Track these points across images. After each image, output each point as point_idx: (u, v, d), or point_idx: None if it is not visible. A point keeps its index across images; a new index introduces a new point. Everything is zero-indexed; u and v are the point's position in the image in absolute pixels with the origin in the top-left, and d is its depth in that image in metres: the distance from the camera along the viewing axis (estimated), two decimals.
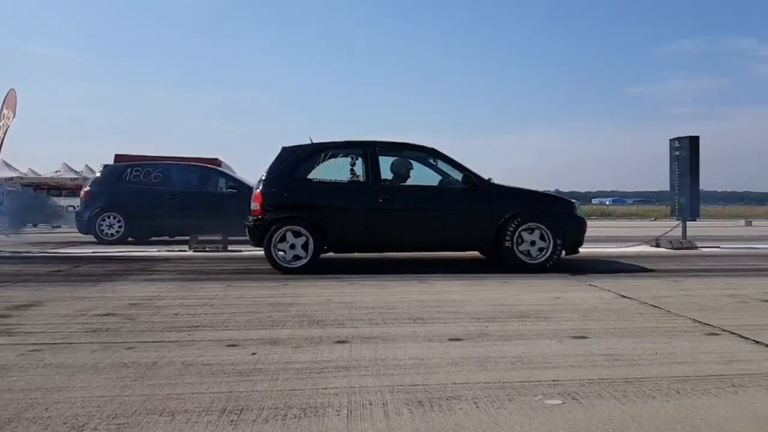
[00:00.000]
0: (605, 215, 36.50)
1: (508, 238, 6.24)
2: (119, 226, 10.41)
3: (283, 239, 6.17)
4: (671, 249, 9.13)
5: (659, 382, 2.41)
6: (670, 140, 10.11)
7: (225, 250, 8.81)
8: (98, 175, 11.34)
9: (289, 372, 2.57)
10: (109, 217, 10.43)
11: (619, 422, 1.99)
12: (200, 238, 9.26)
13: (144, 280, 5.61)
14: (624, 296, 4.55)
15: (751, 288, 4.98)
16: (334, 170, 6.61)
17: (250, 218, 6.36)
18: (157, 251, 8.80)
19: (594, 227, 18.66)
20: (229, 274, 6.10)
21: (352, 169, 6.62)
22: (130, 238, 10.44)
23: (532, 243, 6.31)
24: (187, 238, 9.22)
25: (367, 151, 6.52)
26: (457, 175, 6.53)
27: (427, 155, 6.71)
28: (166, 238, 10.83)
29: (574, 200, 7.08)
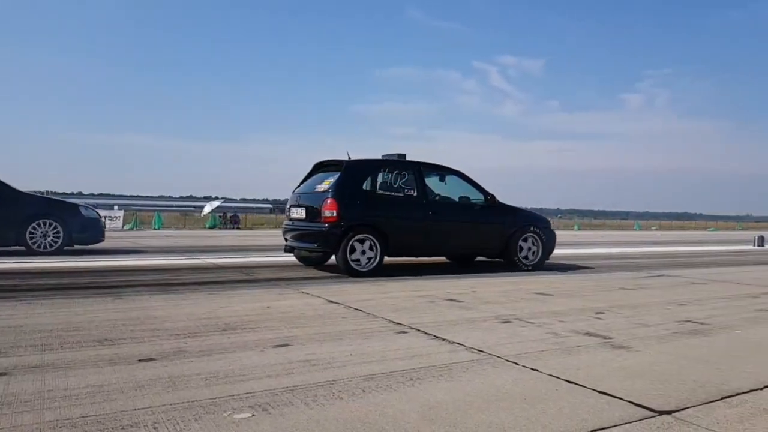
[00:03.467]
0: None
1: (513, 246, 8.09)
2: None
3: (355, 244, 6.96)
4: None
5: (349, 383, 2.57)
6: (382, 156, 11.17)
7: None
8: None
9: None
10: None
11: (305, 428, 2.04)
12: None
13: None
14: (332, 301, 4.81)
15: (438, 289, 5.76)
16: (388, 185, 7.54)
17: (325, 225, 6.94)
18: None
19: None
20: None
21: (402, 185, 7.57)
22: None
23: (528, 249, 8.21)
24: None
25: (416, 169, 7.71)
26: (476, 194, 8.11)
27: (455, 175, 8.10)
28: None
29: (548, 218, 9.14)
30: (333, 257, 7.24)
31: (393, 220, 7.28)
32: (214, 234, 20.59)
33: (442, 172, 8.08)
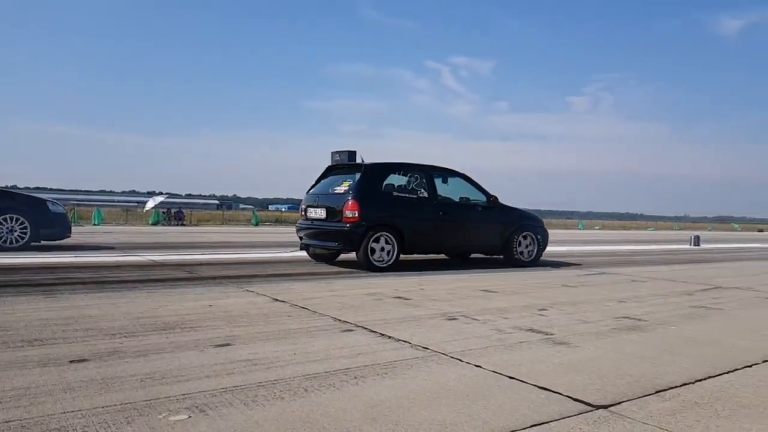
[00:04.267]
0: (279, 221, 38.38)
1: (513, 243, 8.78)
2: None
3: (375, 242, 7.51)
4: None
5: (291, 383, 2.54)
6: (332, 153, 11.10)
7: None
8: None
9: None
10: None
11: (243, 429, 2.00)
12: None
13: None
14: (277, 299, 4.75)
15: (387, 287, 5.78)
16: (402, 187, 8.08)
17: (346, 225, 7.43)
18: None
19: (268, 234, 19.39)
20: None
21: (413, 187, 8.13)
22: None
23: (526, 246, 8.95)
24: None
25: (427, 172, 8.27)
26: (478, 194, 8.75)
27: (460, 177, 8.67)
28: None
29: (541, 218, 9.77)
30: (341, 253, 8.20)
31: (408, 220, 7.83)
32: (157, 230, 20.03)
33: (447, 174, 8.64)
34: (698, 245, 17.44)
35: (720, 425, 2.20)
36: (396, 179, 8.09)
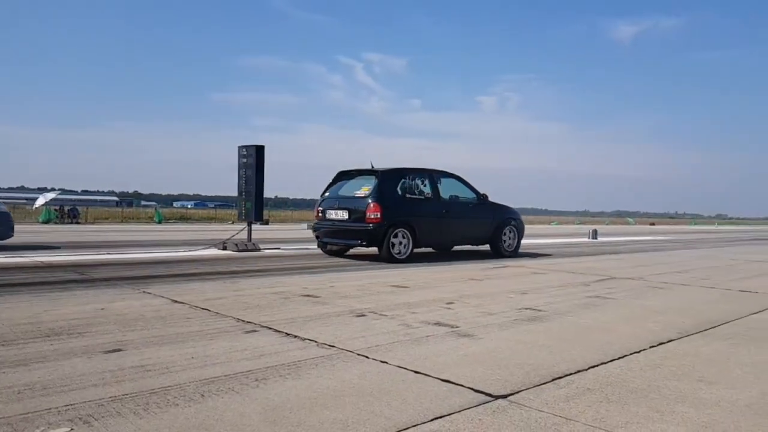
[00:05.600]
0: (185, 219, 36.99)
1: (500, 235, 10.11)
2: None
3: (394, 239, 8.66)
4: (237, 251, 9.78)
5: (187, 388, 2.43)
6: (239, 148, 10.85)
7: None
8: None
9: None
10: None
11: None
12: None
13: None
14: (176, 301, 4.56)
15: (295, 285, 5.70)
16: (412, 189, 9.22)
17: (370, 225, 8.55)
18: None
19: (173, 232, 18.62)
20: None
21: (421, 188, 9.31)
22: None
23: (509, 238, 10.28)
24: None
25: (430, 175, 9.52)
26: (470, 193, 9.95)
27: (453, 178, 9.89)
28: None
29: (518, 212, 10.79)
30: (351, 248, 9.61)
31: (419, 218, 9.06)
32: (47, 229, 18.70)
33: (445, 175, 9.84)
34: (596, 238, 18.53)
35: (610, 409, 2.33)
36: (407, 183, 9.23)
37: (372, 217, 8.62)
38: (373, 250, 9.07)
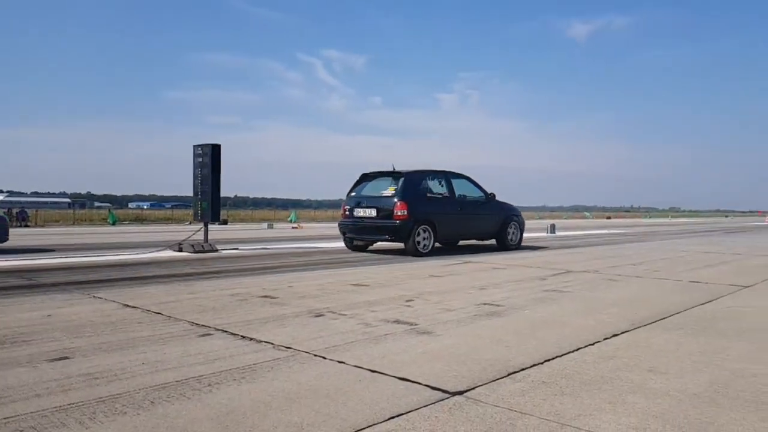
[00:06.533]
0: (140, 220, 36.16)
1: (505, 230, 11.17)
2: None
3: (419, 234, 9.55)
4: (193, 252, 9.60)
5: (136, 395, 2.36)
6: (194, 147, 10.64)
7: None
8: None
9: None
10: None
11: None
12: None
13: None
14: (128, 305, 4.44)
15: (253, 286, 5.62)
16: (432, 189, 10.16)
17: (397, 221, 9.38)
18: None
19: (127, 233, 18.14)
20: None
21: (440, 188, 10.27)
22: None
23: (513, 233, 11.35)
24: None
25: (446, 176, 10.49)
26: (478, 192, 10.94)
27: (464, 179, 10.89)
28: None
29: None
30: (374, 243, 10.75)
31: (438, 216, 9.99)
32: None
33: (457, 176, 10.80)
34: (554, 233, 18.89)
35: (564, 402, 2.36)
36: (428, 183, 10.15)
37: (399, 214, 9.48)
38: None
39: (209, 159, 10.21)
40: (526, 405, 2.32)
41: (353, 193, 10.48)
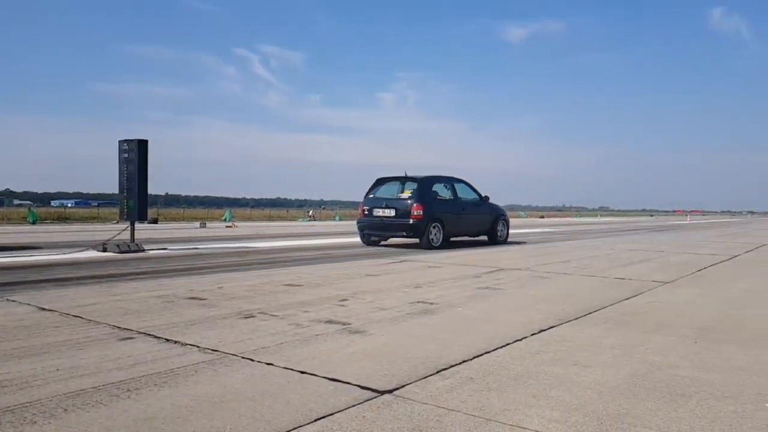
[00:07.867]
0: (63, 218, 34.47)
1: (495, 228, 13.17)
2: None
3: (431, 231, 11.46)
4: (119, 253, 9.25)
5: (48, 404, 2.25)
6: (119, 142, 10.25)
7: None
8: None
9: None
10: None
11: None
12: None
13: None
14: (44, 309, 4.22)
15: (181, 287, 5.46)
16: (441, 192, 12.24)
17: (412, 220, 11.31)
18: None
19: (48, 233, 17.25)
20: None
21: (447, 191, 12.31)
22: None
23: (501, 230, 13.29)
24: None
25: (451, 181, 12.51)
26: (474, 195, 12.90)
27: (463, 183, 12.74)
28: None
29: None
30: (388, 239, 12.56)
31: (447, 215, 11.94)
32: None
33: (459, 181, 12.69)
34: None
35: (490, 397, 2.41)
36: (438, 187, 12.14)
37: (416, 214, 11.33)
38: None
39: (135, 155, 9.85)
40: (453, 401, 2.35)
41: (371, 195, 12.22)
